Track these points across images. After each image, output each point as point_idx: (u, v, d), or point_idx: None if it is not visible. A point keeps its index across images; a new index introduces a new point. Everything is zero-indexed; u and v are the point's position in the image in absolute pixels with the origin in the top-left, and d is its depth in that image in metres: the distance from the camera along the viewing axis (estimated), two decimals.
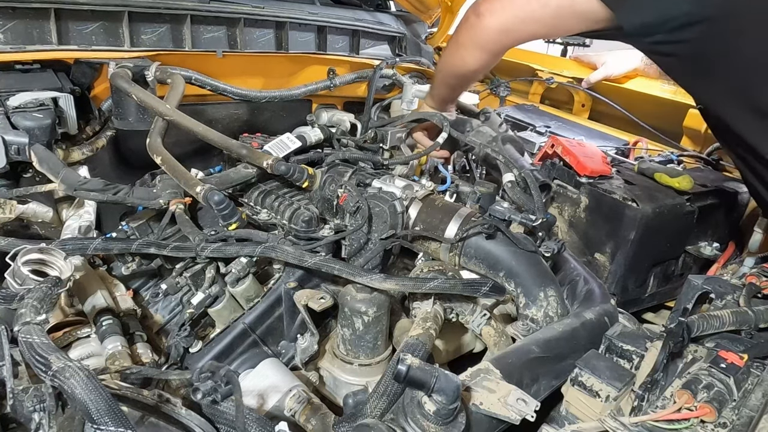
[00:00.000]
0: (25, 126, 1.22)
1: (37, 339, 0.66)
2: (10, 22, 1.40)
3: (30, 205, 1.26)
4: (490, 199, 1.35)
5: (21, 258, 0.86)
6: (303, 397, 0.89)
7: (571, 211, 1.47)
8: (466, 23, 1.31)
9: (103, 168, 1.55)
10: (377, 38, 2.29)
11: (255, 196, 1.28)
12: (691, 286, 1.03)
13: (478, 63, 1.36)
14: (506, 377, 0.83)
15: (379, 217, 1.15)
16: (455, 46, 1.38)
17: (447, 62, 1.46)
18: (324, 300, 1.03)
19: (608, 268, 1.42)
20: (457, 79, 1.50)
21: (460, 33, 1.35)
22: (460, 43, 1.35)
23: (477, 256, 1.11)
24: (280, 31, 1.94)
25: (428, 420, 0.72)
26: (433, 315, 0.97)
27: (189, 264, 1.11)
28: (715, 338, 0.92)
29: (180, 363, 1.04)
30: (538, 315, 1.05)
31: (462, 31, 1.34)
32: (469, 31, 1.31)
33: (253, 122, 1.95)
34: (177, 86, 1.41)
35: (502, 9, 1.23)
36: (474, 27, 1.29)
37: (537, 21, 1.21)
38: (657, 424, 0.75)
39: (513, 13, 1.22)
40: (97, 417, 0.58)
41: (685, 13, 1.00)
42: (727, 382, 0.80)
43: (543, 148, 1.65)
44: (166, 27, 1.68)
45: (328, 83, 1.95)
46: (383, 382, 0.79)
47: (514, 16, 1.22)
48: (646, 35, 1.07)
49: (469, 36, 1.32)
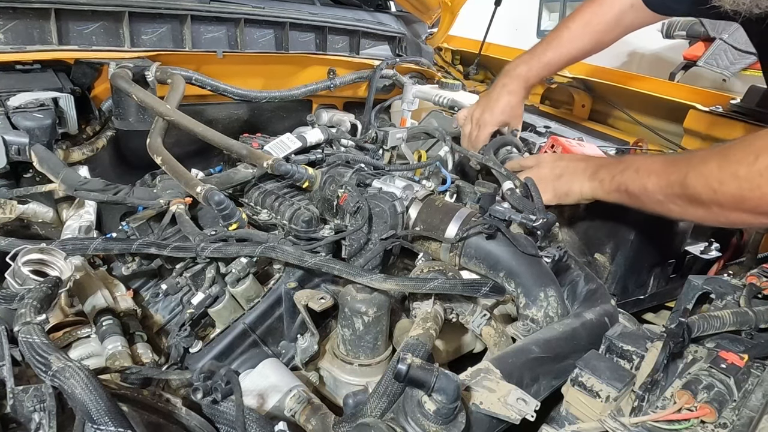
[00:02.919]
0: (26, 126, 1.23)
1: (37, 339, 0.66)
2: (11, 22, 1.40)
3: (30, 205, 1.26)
4: (490, 199, 1.35)
5: (21, 258, 0.87)
6: (303, 397, 0.89)
7: (571, 211, 1.47)
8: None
9: (104, 168, 1.55)
10: (377, 38, 2.29)
11: (255, 196, 1.28)
12: (691, 287, 1.03)
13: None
14: (506, 377, 0.83)
15: (380, 217, 1.15)
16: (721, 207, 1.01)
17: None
18: (324, 300, 1.03)
19: (608, 268, 1.42)
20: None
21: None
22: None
23: (477, 256, 1.11)
24: (281, 32, 1.94)
25: (428, 419, 0.72)
26: (433, 315, 0.97)
27: (189, 264, 1.11)
28: (715, 339, 0.92)
29: (180, 363, 1.04)
30: (538, 315, 1.05)
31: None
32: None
33: (254, 122, 1.95)
34: (177, 86, 1.41)
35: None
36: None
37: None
38: (657, 425, 0.76)
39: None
40: (97, 417, 0.58)
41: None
42: (727, 383, 0.80)
43: (543, 148, 1.65)
44: (167, 27, 1.69)
45: (328, 83, 1.95)
46: (383, 381, 0.79)
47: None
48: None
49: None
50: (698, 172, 1.03)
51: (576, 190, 1.27)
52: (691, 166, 1.04)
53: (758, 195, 0.94)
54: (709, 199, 1.02)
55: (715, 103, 1.95)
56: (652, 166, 1.13)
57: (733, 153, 0.99)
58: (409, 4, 2.47)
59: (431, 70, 2.35)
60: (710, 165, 1.01)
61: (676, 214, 1.11)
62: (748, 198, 0.96)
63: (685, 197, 1.06)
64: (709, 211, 1.04)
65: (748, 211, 0.98)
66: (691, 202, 1.06)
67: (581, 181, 1.26)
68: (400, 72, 2.19)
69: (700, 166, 1.03)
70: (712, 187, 1.00)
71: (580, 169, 1.27)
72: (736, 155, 0.98)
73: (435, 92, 2.00)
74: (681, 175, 1.05)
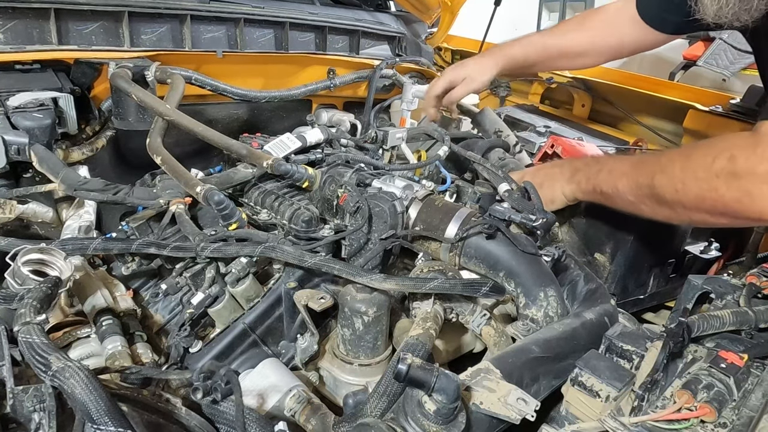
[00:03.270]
0: (25, 126, 1.23)
1: (37, 339, 0.66)
2: (10, 22, 1.40)
3: (30, 205, 1.26)
4: (490, 199, 1.35)
5: (21, 258, 0.86)
6: (303, 397, 0.89)
7: (570, 211, 1.47)
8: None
9: (103, 168, 1.55)
10: (377, 38, 2.29)
11: (255, 196, 1.28)
12: (691, 286, 1.03)
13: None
14: (506, 377, 0.83)
15: (379, 217, 1.15)
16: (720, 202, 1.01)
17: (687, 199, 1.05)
18: (324, 300, 1.03)
19: (608, 268, 1.42)
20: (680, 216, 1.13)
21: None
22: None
23: (477, 256, 1.11)
24: (280, 31, 1.94)
25: (428, 419, 0.72)
26: (433, 315, 0.97)
27: (189, 264, 1.11)
28: (715, 338, 0.92)
29: (180, 363, 1.04)
30: (538, 315, 1.05)
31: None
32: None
33: (253, 122, 1.95)
34: (177, 86, 1.41)
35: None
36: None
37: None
38: (657, 424, 0.76)
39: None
40: (97, 417, 0.58)
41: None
42: (727, 382, 0.80)
43: (543, 147, 1.65)
44: (166, 27, 1.69)
45: (328, 83, 1.95)
46: (383, 381, 0.79)
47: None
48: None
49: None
50: (663, 173, 1.07)
51: (558, 195, 1.31)
52: (657, 168, 1.09)
53: (715, 196, 0.99)
54: (673, 199, 1.05)
55: (715, 103, 1.95)
56: (623, 167, 1.17)
57: (694, 155, 1.03)
58: (409, 4, 2.47)
59: (431, 69, 2.35)
60: (674, 167, 1.05)
61: (647, 213, 1.14)
62: (707, 198, 1.00)
63: (653, 198, 1.09)
64: (674, 211, 1.08)
65: (707, 212, 1.03)
66: (658, 203, 1.09)
67: (561, 185, 1.30)
68: (400, 72, 2.19)
69: (665, 168, 1.07)
70: (675, 188, 1.04)
71: (558, 175, 1.31)
72: (696, 157, 1.02)
73: None
74: (648, 177, 1.09)
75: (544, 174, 1.35)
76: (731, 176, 0.97)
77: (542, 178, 1.33)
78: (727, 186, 0.97)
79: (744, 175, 0.96)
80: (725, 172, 0.97)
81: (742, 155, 0.96)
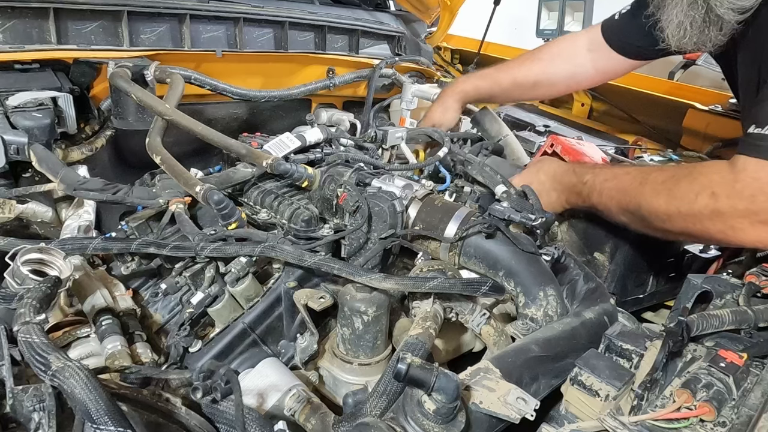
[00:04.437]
0: (25, 126, 1.23)
1: (36, 339, 0.66)
2: (9, 22, 1.40)
3: (29, 204, 1.26)
4: (489, 198, 1.35)
5: (20, 258, 0.86)
6: (303, 396, 0.89)
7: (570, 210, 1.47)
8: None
9: (103, 167, 1.56)
10: (377, 38, 2.29)
11: (254, 195, 1.28)
12: (690, 286, 1.03)
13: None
14: (506, 376, 0.83)
15: (379, 216, 1.15)
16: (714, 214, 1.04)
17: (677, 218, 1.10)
18: (324, 299, 1.03)
19: (607, 267, 1.42)
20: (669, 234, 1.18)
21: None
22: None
23: (476, 255, 1.11)
24: (280, 31, 1.94)
25: (428, 419, 0.72)
26: (432, 314, 0.97)
27: (188, 263, 1.11)
28: (714, 337, 0.92)
29: (180, 362, 1.04)
30: (537, 314, 1.05)
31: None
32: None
33: (253, 122, 1.95)
34: (176, 86, 1.41)
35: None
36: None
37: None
38: (656, 423, 0.76)
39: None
40: (97, 417, 0.58)
41: None
42: (726, 381, 0.80)
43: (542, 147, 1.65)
44: (166, 26, 1.69)
45: (327, 83, 1.96)
46: (383, 381, 0.79)
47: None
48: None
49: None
50: (649, 205, 1.14)
51: (556, 208, 1.37)
52: (642, 198, 1.15)
53: (700, 228, 1.08)
54: (661, 227, 1.15)
55: (714, 102, 1.95)
56: (611, 192, 1.22)
57: (677, 190, 1.10)
58: (409, 3, 2.47)
59: (430, 69, 2.35)
60: (659, 200, 1.12)
61: (641, 231, 1.22)
62: (693, 231, 1.10)
63: (642, 222, 1.18)
64: (665, 234, 1.18)
65: (695, 238, 1.16)
66: (647, 227, 1.18)
67: (558, 206, 1.36)
68: (400, 71, 2.19)
69: (650, 200, 1.14)
70: (662, 219, 1.13)
71: (554, 199, 1.35)
72: (680, 193, 1.09)
73: (434, 91, 2.00)
74: (635, 206, 1.17)
75: (537, 193, 1.35)
76: (714, 213, 1.04)
77: (536, 189, 1.36)
78: (711, 222, 1.05)
79: (726, 211, 1.03)
80: (708, 209, 1.05)
81: (723, 192, 1.03)
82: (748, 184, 1.01)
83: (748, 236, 1.03)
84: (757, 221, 1.01)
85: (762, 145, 1.01)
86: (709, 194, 1.05)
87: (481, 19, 2.69)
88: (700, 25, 1.13)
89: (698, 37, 1.14)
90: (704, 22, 1.12)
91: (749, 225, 1.02)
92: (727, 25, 1.11)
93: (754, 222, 1.01)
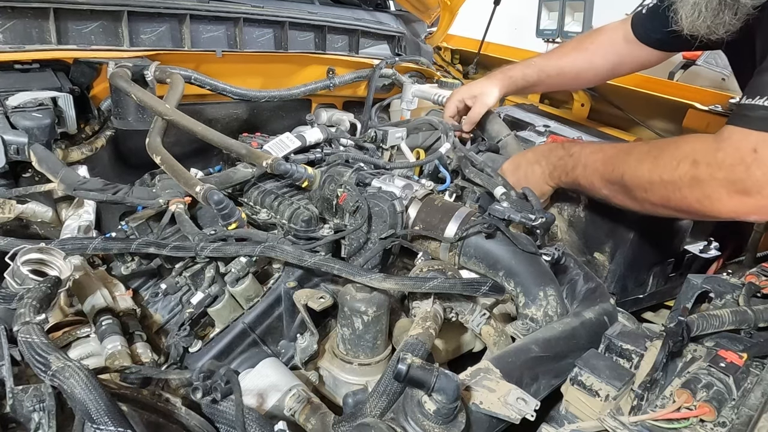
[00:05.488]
0: (25, 126, 1.22)
1: (36, 339, 0.66)
2: (9, 22, 1.40)
3: (29, 204, 1.26)
4: (489, 198, 1.35)
5: (20, 258, 0.86)
6: (303, 396, 0.89)
7: (570, 210, 1.47)
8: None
9: (103, 168, 1.55)
10: (376, 38, 2.29)
11: (254, 195, 1.28)
12: (690, 286, 1.03)
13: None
14: (506, 376, 0.83)
15: (379, 216, 1.15)
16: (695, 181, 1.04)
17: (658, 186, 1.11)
18: (324, 299, 1.03)
19: (608, 267, 1.42)
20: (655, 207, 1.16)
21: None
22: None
23: (476, 255, 1.11)
24: (280, 31, 1.94)
25: (428, 419, 0.72)
26: (432, 314, 0.97)
27: (188, 264, 1.11)
28: (714, 337, 0.92)
29: (179, 363, 1.04)
30: (537, 314, 1.05)
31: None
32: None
33: (253, 122, 1.95)
34: (176, 86, 1.41)
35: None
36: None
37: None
38: (656, 423, 0.76)
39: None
40: (96, 417, 0.58)
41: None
42: (726, 382, 0.80)
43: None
44: (166, 26, 1.68)
45: (327, 83, 1.96)
46: (383, 381, 0.79)
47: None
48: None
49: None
50: (633, 173, 1.14)
51: (544, 189, 1.38)
52: (627, 166, 1.16)
53: (679, 196, 1.07)
54: (642, 197, 1.15)
55: (715, 102, 1.95)
56: (596, 163, 1.24)
57: (661, 157, 1.11)
58: (409, 4, 2.47)
59: (430, 69, 2.35)
60: (642, 168, 1.13)
61: (620, 205, 1.23)
62: (672, 199, 1.09)
63: (624, 193, 1.18)
64: (643, 206, 1.17)
65: (672, 209, 1.12)
66: (629, 198, 1.18)
67: (542, 183, 1.37)
68: (400, 71, 2.19)
69: (634, 168, 1.14)
70: (643, 188, 1.13)
71: (538, 174, 1.37)
72: (663, 159, 1.10)
73: (434, 91, 2.00)
74: (618, 174, 1.17)
75: (523, 173, 1.40)
76: (693, 180, 1.04)
77: (523, 173, 1.40)
78: (690, 189, 1.05)
79: (705, 179, 1.02)
80: (688, 176, 1.05)
81: (704, 160, 1.03)
82: (730, 153, 1.00)
83: (725, 206, 1.02)
84: (734, 191, 1.00)
85: (749, 115, 1.00)
86: (691, 162, 1.05)
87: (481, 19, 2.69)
88: (716, 8, 1.12)
89: (712, 20, 1.13)
90: (720, 5, 1.11)
91: (726, 195, 1.01)
92: (742, 9, 1.10)
93: (731, 192, 1.00)
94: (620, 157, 1.19)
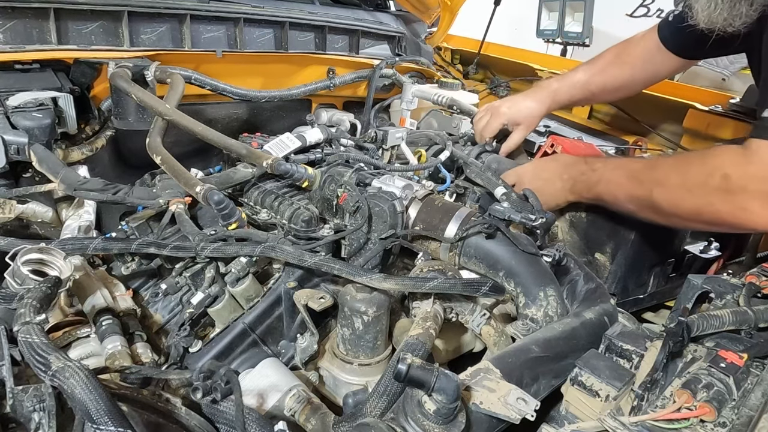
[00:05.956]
0: (25, 126, 1.22)
1: (36, 339, 0.66)
2: (10, 22, 1.40)
3: (29, 204, 1.26)
4: (489, 198, 1.35)
5: (20, 258, 0.86)
6: (303, 396, 0.89)
7: (572, 211, 1.47)
8: None
9: (103, 168, 1.55)
10: (377, 38, 2.29)
11: (255, 195, 1.28)
12: (690, 286, 1.03)
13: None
14: (506, 377, 0.83)
15: (379, 216, 1.15)
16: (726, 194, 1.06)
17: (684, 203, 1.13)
18: (324, 300, 1.03)
19: (608, 267, 1.42)
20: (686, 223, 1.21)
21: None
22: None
23: (477, 255, 1.11)
24: (280, 31, 1.94)
25: (428, 419, 0.72)
26: (432, 314, 0.97)
27: (189, 264, 1.11)
28: (714, 338, 0.92)
29: (180, 363, 1.04)
30: (537, 314, 1.05)
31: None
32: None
33: (253, 122, 1.95)
34: (176, 86, 1.41)
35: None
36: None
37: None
38: (656, 424, 0.76)
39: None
40: (97, 417, 0.58)
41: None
42: (726, 382, 0.80)
43: (542, 147, 1.65)
44: (166, 26, 1.69)
45: (327, 83, 1.95)
46: (383, 381, 0.79)
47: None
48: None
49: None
50: (661, 188, 1.16)
51: (561, 201, 1.40)
52: (654, 183, 1.17)
53: (712, 210, 1.09)
54: (671, 212, 1.15)
55: (715, 103, 1.95)
56: (620, 179, 1.24)
57: (690, 171, 1.12)
58: (409, 4, 2.47)
59: (431, 69, 2.35)
60: (670, 182, 1.14)
61: (647, 219, 1.23)
62: (704, 212, 1.10)
63: (651, 209, 1.19)
64: (670, 220, 1.18)
65: (704, 222, 1.14)
66: (657, 213, 1.19)
67: (561, 197, 1.38)
68: (400, 71, 2.19)
69: (662, 183, 1.16)
70: (673, 203, 1.14)
71: (558, 187, 1.37)
72: (692, 174, 1.11)
73: (434, 91, 2.01)
74: (646, 191, 1.18)
75: (542, 185, 1.38)
76: (726, 193, 1.06)
77: (541, 187, 1.36)
78: (723, 202, 1.07)
79: (738, 192, 1.05)
80: (720, 189, 1.06)
81: (735, 173, 1.05)
82: (761, 167, 1.03)
83: (760, 218, 1.04)
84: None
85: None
86: (722, 175, 1.06)
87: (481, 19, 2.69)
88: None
89: (729, 12, 1.13)
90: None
91: (760, 207, 1.03)
92: (758, 0, 1.09)
93: (764, 203, 1.03)
94: (645, 173, 1.20)
